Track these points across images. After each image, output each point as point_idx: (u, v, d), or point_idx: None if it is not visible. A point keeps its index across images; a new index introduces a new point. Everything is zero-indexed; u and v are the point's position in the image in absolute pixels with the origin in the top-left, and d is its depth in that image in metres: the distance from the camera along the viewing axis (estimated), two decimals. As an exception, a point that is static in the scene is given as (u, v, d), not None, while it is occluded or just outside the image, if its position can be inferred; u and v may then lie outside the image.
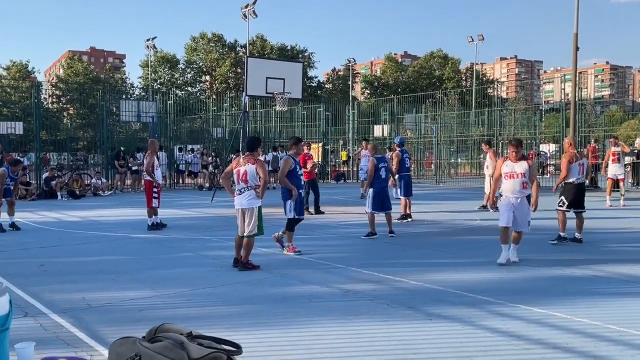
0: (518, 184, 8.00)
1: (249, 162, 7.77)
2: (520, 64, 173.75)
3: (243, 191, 7.73)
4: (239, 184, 7.77)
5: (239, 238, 7.89)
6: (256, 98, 25.27)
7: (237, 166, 7.86)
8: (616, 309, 5.72)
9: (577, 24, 22.84)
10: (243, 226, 7.76)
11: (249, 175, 7.69)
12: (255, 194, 7.71)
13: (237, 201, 7.83)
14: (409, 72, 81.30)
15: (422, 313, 5.60)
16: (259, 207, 7.78)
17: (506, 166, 8.11)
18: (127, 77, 73.51)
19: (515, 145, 8.17)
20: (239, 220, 7.82)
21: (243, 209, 7.75)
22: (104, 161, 23.96)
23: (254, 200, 7.71)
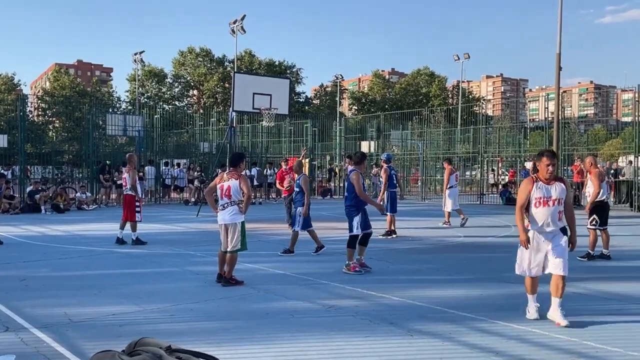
0: (553, 213, 5.95)
1: (232, 177, 7.79)
2: (505, 82, 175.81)
3: (226, 206, 7.74)
4: (222, 199, 7.78)
5: (222, 253, 7.89)
6: (243, 113, 25.34)
7: (221, 181, 7.88)
8: (595, 326, 5.80)
9: (559, 44, 23.26)
10: (226, 241, 7.77)
11: (232, 190, 7.72)
12: (238, 209, 7.73)
13: (220, 216, 7.83)
14: (395, 89, 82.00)
15: (404, 329, 5.65)
16: (242, 222, 7.79)
17: (538, 189, 5.98)
18: (113, 91, 73.51)
19: (551, 157, 6.00)
20: (222, 235, 7.83)
21: (226, 224, 7.75)
22: (89, 175, 23.83)
23: (236, 216, 7.72)
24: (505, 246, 11.83)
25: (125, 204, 12.01)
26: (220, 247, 7.90)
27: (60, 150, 36.13)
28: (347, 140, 33.59)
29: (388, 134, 33.05)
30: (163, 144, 29.01)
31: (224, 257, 7.84)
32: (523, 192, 6.09)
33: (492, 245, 11.97)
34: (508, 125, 44.22)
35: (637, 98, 22.44)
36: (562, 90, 24.38)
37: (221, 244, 7.88)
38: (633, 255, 10.53)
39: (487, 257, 10.41)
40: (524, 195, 6.06)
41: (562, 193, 5.95)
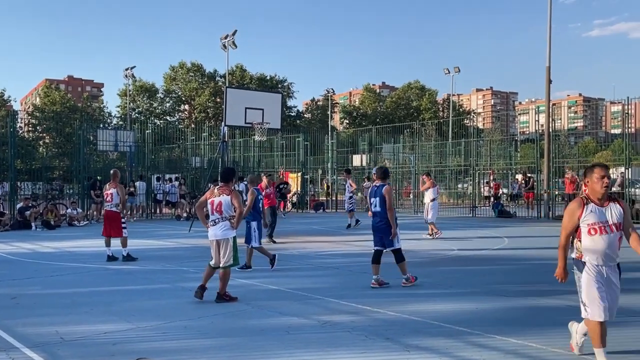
0: (613, 241, 4.95)
1: (223, 193, 7.72)
2: (495, 95, 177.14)
3: (217, 221, 7.66)
4: (213, 215, 7.70)
5: (210, 268, 7.79)
6: (235, 127, 25.33)
7: (211, 196, 7.79)
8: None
9: (549, 57, 23.48)
10: (218, 257, 7.69)
11: (223, 205, 7.65)
12: (229, 224, 7.66)
13: (211, 232, 7.74)
14: (386, 103, 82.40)
15: (400, 344, 5.60)
16: (234, 237, 7.72)
17: (590, 213, 4.91)
18: (104, 106, 73.40)
19: (605, 170, 5.01)
20: (213, 251, 7.74)
21: (217, 240, 7.67)
22: (79, 190, 23.67)
23: (228, 231, 7.65)
24: (500, 259, 11.84)
25: (107, 220, 11.83)
26: (210, 261, 7.81)
27: (50, 166, 35.93)
28: (339, 154, 33.63)
29: (380, 148, 33.12)
30: (155, 159, 28.91)
31: (211, 272, 7.75)
32: (571, 216, 4.93)
33: (486, 258, 11.96)
34: (499, 138, 44.47)
35: (626, 110, 22.64)
36: (552, 103, 24.54)
37: (212, 259, 7.79)
38: (625, 267, 10.50)
39: (482, 270, 10.39)
40: (572, 220, 4.93)
41: (621, 216, 4.89)
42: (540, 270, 10.29)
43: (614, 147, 39.75)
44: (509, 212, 24.75)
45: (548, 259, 11.71)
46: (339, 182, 33.21)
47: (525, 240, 15.31)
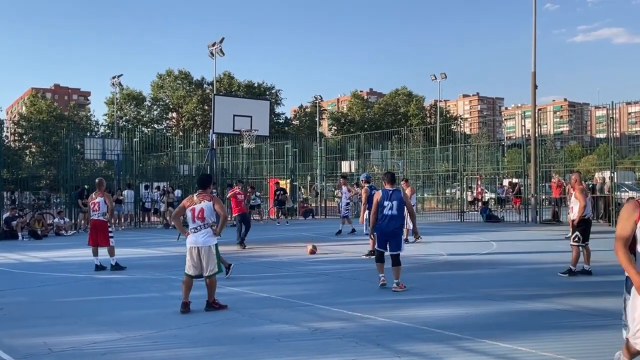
0: None
1: (204, 199, 7.62)
2: (482, 101, 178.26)
3: (199, 229, 7.55)
4: (195, 222, 7.57)
5: (188, 278, 7.58)
6: (223, 135, 25.32)
7: (191, 204, 7.66)
8: (579, 342, 5.82)
9: (534, 63, 23.71)
10: (199, 265, 7.53)
11: (205, 212, 7.54)
12: (211, 231, 7.57)
13: (191, 239, 7.58)
14: (374, 109, 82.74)
15: (391, 350, 5.61)
16: (216, 244, 7.64)
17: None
18: (91, 114, 72.85)
19: None
20: (192, 259, 7.55)
21: (198, 247, 7.52)
22: (67, 200, 23.50)
23: (210, 238, 7.55)
24: (489, 264, 11.90)
25: (93, 229, 11.73)
26: (188, 271, 7.59)
27: (37, 175, 35.67)
28: (327, 160, 33.68)
29: (368, 154, 33.24)
30: (142, 167, 28.79)
31: (190, 283, 7.58)
32: (626, 221, 4.05)
33: (475, 263, 12.01)
34: (486, 143, 44.78)
35: (610, 115, 22.90)
36: (537, 108, 24.77)
37: (189, 268, 7.59)
38: (614, 270, 10.61)
39: (471, 275, 10.43)
40: (628, 226, 4.03)
41: None
42: (528, 275, 10.37)
43: (599, 152, 40.26)
44: (497, 217, 24.91)
45: (536, 263, 11.83)
46: (327, 189, 33.27)
47: (514, 244, 15.41)
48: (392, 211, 8.86)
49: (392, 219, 8.89)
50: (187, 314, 7.38)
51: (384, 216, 8.92)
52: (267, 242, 17.08)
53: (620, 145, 64.16)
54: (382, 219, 8.96)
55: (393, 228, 8.92)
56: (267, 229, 22.39)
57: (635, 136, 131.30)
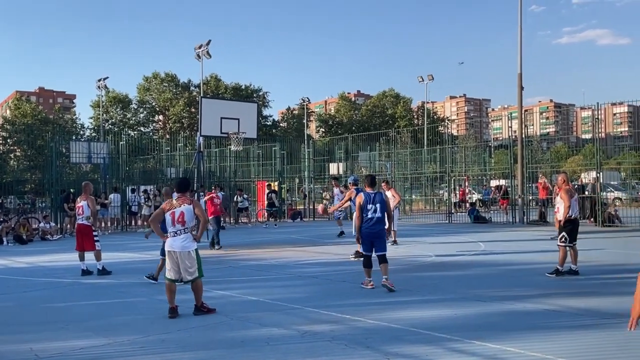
0: None
1: (184, 203, 7.52)
2: (468, 102, 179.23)
3: (179, 233, 7.43)
4: (174, 226, 7.45)
5: (170, 283, 7.48)
6: (211, 138, 25.21)
7: (170, 208, 7.55)
8: (567, 342, 5.86)
9: (520, 64, 23.90)
10: (178, 270, 7.43)
11: (186, 216, 7.44)
12: (191, 236, 7.47)
13: (170, 243, 7.46)
14: (362, 111, 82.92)
15: (380, 352, 5.61)
16: (196, 249, 7.53)
17: None
18: (77, 118, 72.46)
19: None
20: (171, 263, 7.46)
21: (177, 252, 7.41)
22: (52, 204, 23.28)
23: (190, 243, 7.44)
24: (477, 264, 11.95)
25: (79, 234, 11.63)
26: (169, 275, 7.49)
27: (22, 179, 35.34)
28: (315, 162, 33.68)
29: (356, 156, 33.28)
30: (129, 170, 28.60)
31: (173, 287, 7.48)
32: None
33: (463, 264, 12.05)
34: (473, 145, 45.03)
35: (595, 116, 23.13)
36: (524, 109, 24.95)
37: (168, 271, 7.49)
38: (600, 270, 10.73)
39: (459, 276, 10.46)
40: None
41: None
42: (516, 275, 10.42)
43: (585, 152, 40.53)
44: (484, 218, 25.03)
45: (524, 263, 11.90)
46: (315, 191, 33.25)
47: (501, 245, 15.49)
48: (376, 214, 9.05)
49: (376, 221, 9.07)
50: (175, 318, 7.32)
51: (369, 219, 9.07)
52: (255, 245, 17.03)
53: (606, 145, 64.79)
54: (367, 222, 9.09)
55: (378, 230, 9.11)
56: (256, 231, 22.33)
57: (620, 137, 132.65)
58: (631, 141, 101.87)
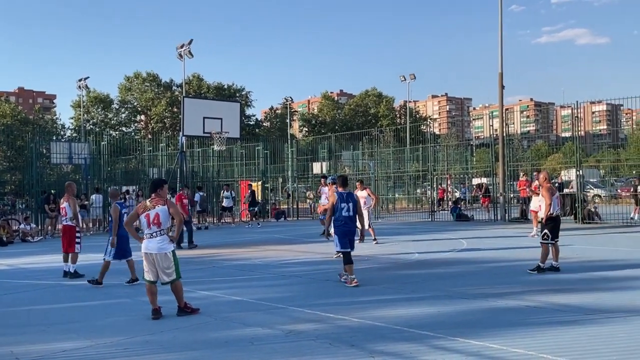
0: None
1: (158, 204, 7.43)
2: (450, 101, 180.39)
3: (155, 235, 7.33)
4: (150, 228, 7.35)
5: (149, 284, 7.43)
6: (193, 137, 25.08)
7: (145, 210, 7.44)
8: (549, 338, 5.92)
9: (501, 64, 24.08)
10: (155, 271, 7.36)
11: (161, 217, 7.35)
12: (168, 238, 7.39)
13: (145, 244, 7.38)
14: (345, 110, 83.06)
15: (365, 350, 5.63)
16: (173, 250, 7.44)
17: None
18: (57, 118, 71.69)
19: None
20: (148, 264, 7.39)
21: (153, 254, 7.33)
22: (33, 205, 22.99)
23: (166, 245, 7.35)
24: (460, 262, 12.04)
25: (63, 234, 11.52)
26: (147, 276, 7.43)
27: (1, 180, 34.85)
28: (299, 162, 33.66)
29: (339, 155, 33.30)
30: (111, 171, 28.34)
31: (153, 289, 7.42)
32: None
33: (446, 262, 12.13)
34: (455, 143, 45.33)
35: (575, 114, 23.40)
36: (504, 108, 25.17)
37: (146, 273, 7.44)
38: (581, 266, 10.87)
39: (442, 274, 10.53)
40: None
41: None
42: (498, 272, 10.52)
43: (564, 150, 41.01)
44: (466, 216, 25.22)
45: (505, 260, 12.01)
46: (299, 190, 33.24)
47: (483, 242, 15.62)
48: (349, 212, 9.45)
49: (350, 220, 9.49)
50: (158, 319, 7.27)
51: (344, 217, 9.43)
52: (239, 244, 16.99)
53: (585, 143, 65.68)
54: (342, 220, 9.45)
55: (352, 228, 9.55)
56: (239, 231, 22.26)
57: (600, 134, 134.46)
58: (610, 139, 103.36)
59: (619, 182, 34.75)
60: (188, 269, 11.41)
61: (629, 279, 9.35)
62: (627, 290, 8.39)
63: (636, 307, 7.26)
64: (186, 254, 14.30)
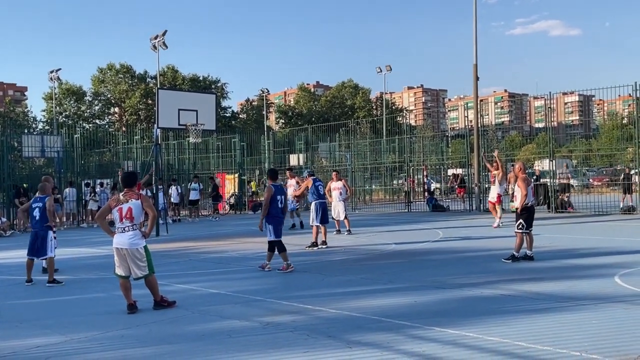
0: None
1: (131, 198, 7.32)
2: (426, 93, 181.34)
3: (127, 230, 7.23)
4: (122, 222, 7.25)
5: (122, 279, 7.34)
6: (168, 130, 24.80)
7: (117, 204, 7.33)
8: (524, 326, 6.02)
9: (476, 55, 24.26)
10: (127, 266, 7.27)
11: (134, 211, 7.25)
12: (140, 233, 7.29)
13: (116, 239, 7.27)
14: (321, 102, 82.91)
15: (342, 341, 5.65)
16: (145, 246, 7.34)
17: None
18: (29, 111, 70.23)
19: None
20: (119, 259, 7.29)
21: (124, 249, 7.23)
22: (4, 199, 22.55)
23: (138, 240, 7.26)
24: (436, 252, 12.16)
25: None
26: (118, 271, 7.34)
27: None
28: (275, 154, 33.55)
29: (316, 147, 33.28)
30: (85, 164, 27.92)
31: (125, 283, 7.33)
32: None
33: (422, 252, 12.23)
34: (430, 135, 45.61)
35: (548, 105, 23.72)
36: (479, 99, 25.39)
37: (117, 268, 7.35)
38: (554, 255, 11.05)
39: (418, 264, 10.62)
40: None
41: None
42: (473, 262, 10.64)
43: (538, 141, 41.61)
44: (442, 206, 25.44)
45: (480, 250, 12.15)
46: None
47: (459, 232, 15.78)
48: (282, 204, 10.32)
49: (283, 210, 10.42)
50: (134, 313, 7.20)
51: (279, 209, 10.21)
52: (215, 237, 16.91)
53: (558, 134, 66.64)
54: (278, 211, 10.18)
55: (283, 218, 10.49)
56: (214, 224, 22.15)
57: (572, 125, 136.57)
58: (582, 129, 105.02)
59: (591, 171, 35.39)
60: (164, 262, 11.33)
61: (599, 267, 9.54)
62: (598, 278, 8.56)
63: (606, 294, 7.41)
64: (162, 248, 14.18)
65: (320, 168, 31.60)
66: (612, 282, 8.19)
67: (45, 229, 9.83)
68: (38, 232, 9.83)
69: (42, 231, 9.81)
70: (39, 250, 9.79)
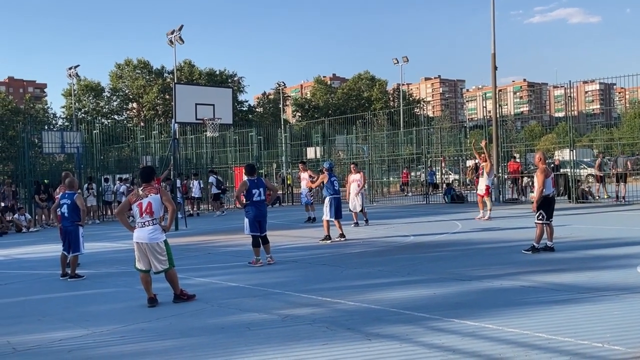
0: None
1: (151, 193, 7.35)
2: (443, 83, 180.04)
3: (147, 224, 7.27)
4: (142, 217, 7.28)
5: (142, 274, 7.38)
6: (186, 124, 24.94)
7: (137, 199, 7.37)
8: (544, 317, 5.96)
9: (494, 44, 23.98)
10: (148, 262, 7.32)
11: (154, 206, 7.28)
12: (160, 228, 7.32)
13: (136, 234, 7.32)
14: (338, 94, 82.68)
15: (361, 333, 5.65)
16: (165, 240, 7.39)
17: None
18: (48, 107, 71.04)
19: None
20: (139, 254, 7.34)
21: (144, 243, 7.27)
22: (26, 196, 22.87)
23: (158, 235, 7.29)
24: (454, 244, 12.09)
25: None
26: (139, 266, 7.40)
27: (-6, 171, 34.62)
28: (292, 147, 33.57)
29: (333, 139, 33.24)
30: (104, 159, 28.20)
31: (146, 277, 7.39)
32: None
33: (441, 244, 12.17)
34: (448, 126, 45.27)
35: (568, 94, 23.41)
36: (498, 89, 25.12)
37: (137, 262, 7.40)
38: (575, 245, 10.92)
39: (437, 256, 10.56)
40: None
41: None
42: (493, 253, 10.56)
43: (558, 130, 41.08)
44: (461, 198, 25.27)
45: (500, 241, 12.06)
46: (294, 176, 33.18)
47: (478, 223, 15.66)
48: (260, 197, 10.31)
49: (261, 204, 10.35)
50: (155, 307, 7.27)
51: (255, 202, 10.20)
52: (233, 231, 16.98)
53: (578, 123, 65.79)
54: (254, 205, 10.18)
55: (264, 211, 10.41)
56: (232, 218, 22.24)
57: (592, 114, 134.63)
58: (602, 118, 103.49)
59: (611, 161, 34.89)
60: (183, 256, 11.42)
61: (621, 257, 9.40)
62: (620, 269, 8.44)
63: (629, 284, 7.31)
64: (181, 242, 14.30)
65: (337, 161, 31.57)
66: (634, 273, 8.07)
67: (75, 226, 9.87)
68: (68, 228, 9.87)
69: (72, 227, 9.85)
70: (72, 247, 9.84)
